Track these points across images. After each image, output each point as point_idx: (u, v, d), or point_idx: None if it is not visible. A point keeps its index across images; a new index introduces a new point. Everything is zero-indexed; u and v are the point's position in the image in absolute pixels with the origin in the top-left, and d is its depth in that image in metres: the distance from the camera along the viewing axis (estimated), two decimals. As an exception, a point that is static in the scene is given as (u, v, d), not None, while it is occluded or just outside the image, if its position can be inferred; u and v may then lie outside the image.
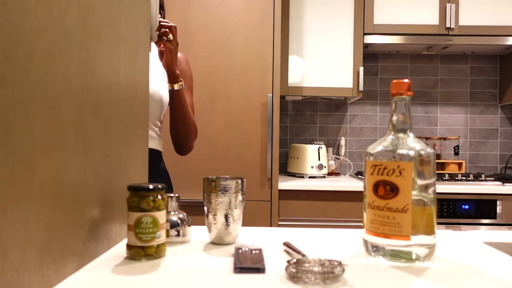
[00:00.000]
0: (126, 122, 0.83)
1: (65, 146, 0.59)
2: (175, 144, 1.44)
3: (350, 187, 2.29)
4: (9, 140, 0.46)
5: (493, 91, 2.91)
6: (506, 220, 2.27)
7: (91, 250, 0.68)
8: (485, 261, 0.72)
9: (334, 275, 0.59)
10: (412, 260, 0.70)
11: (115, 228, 0.78)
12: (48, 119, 0.54)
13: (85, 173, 0.66)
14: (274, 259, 0.71)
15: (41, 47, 0.52)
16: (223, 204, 0.79)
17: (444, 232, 0.94)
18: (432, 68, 2.92)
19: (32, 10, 0.50)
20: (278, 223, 2.28)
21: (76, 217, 0.63)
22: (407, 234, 0.69)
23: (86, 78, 0.65)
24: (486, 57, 2.90)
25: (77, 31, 0.62)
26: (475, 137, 2.91)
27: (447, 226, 2.26)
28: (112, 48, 0.76)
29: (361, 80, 2.54)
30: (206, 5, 2.27)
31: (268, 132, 2.23)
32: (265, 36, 2.26)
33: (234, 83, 2.26)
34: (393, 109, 0.74)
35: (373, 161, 0.72)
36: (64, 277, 0.59)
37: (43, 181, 0.54)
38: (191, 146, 1.46)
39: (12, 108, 0.47)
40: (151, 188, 0.69)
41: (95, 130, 0.69)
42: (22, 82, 0.49)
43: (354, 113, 2.93)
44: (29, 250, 0.51)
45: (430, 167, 0.71)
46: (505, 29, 2.51)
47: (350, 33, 2.56)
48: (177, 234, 0.80)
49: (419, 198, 0.70)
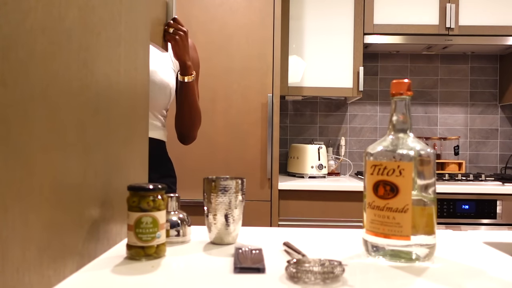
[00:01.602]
0: (126, 122, 0.83)
1: (65, 146, 0.59)
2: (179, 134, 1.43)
3: (350, 187, 2.29)
4: (9, 140, 0.46)
5: (493, 91, 2.91)
6: (506, 220, 2.27)
7: (91, 250, 0.68)
8: (485, 261, 0.72)
9: (334, 275, 0.59)
10: (412, 260, 0.70)
11: (115, 228, 0.78)
12: (48, 119, 0.54)
13: (85, 173, 0.66)
14: (274, 259, 0.71)
15: (41, 47, 0.52)
16: (223, 204, 0.79)
17: (444, 232, 0.94)
18: (432, 68, 2.92)
19: (32, 10, 0.50)
20: (278, 223, 2.28)
21: (76, 217, 0.63)
22: (407, 234, 0.69)
23: (86, 78, 0.65)
24: (486, 57, 2.90)
25: (77, 31, 0.62)
26: (475, 137, 2.91)
27: (447, 226, 2.26)
28: (112, 48, 0.76)
29: (361, 80, 2.54)
30: (206, 5, 2.27)
31: (268, 132, 2.23)
32: (265, 36, 2.25)
33: (234, 83, 2.26)
34: (393, 109, 0.74)
35: (373, 161, 0.72)
36: (64, 277, 0.59)
37: (43, 181, 0.54)
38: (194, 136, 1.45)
39: (12, 108, 0.47)
40: (151, 188, 0.69)
41: (95, 130, 0.69)
42: (22, 82, 0.49)
43: (354, 113, 2.93)
44: (29, 250, 0.51)
45: (430, 167, 0.71)
46: (505, 29, 2.51)
47: (350, 33, 2.56)
48: (177, 234, 0.80)
49: (419, 198, 0.70)
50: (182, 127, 1.40)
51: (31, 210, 0.51)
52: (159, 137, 1.34)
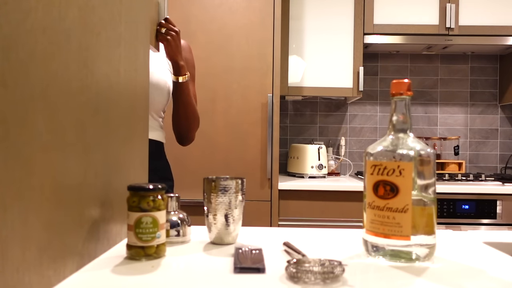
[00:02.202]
0: (126, 122, 0.83)
1: (65, 146, 0.59)
2: (177, 135, 1.43)
3: (350, 187, 2.29)
4: (9, 140, 0.46)
5: (493, 91, 2.91)
6: (506, 220, 2.27)
7: (91, 250, 0.68)
8: (485, 261, 0.72)
9: (334, 275, 0.59)
10: (412, 260, 0.70)
11: (115, 228, 0.78)
12: (48, 119, 0.54)
13: (85, 173, 0.66)
14: (274, 259, 0.71)
15: (41, 47, 0.52)
16: (223, 204, 0.79)
17: (444, 232, 0.94)
18: (432, 68, 2.92)
19: (32, 10, 0.50)
20: (278, 223, 2.28)
21: (76, 217, 0.63)
22: (407, 234, 0.69)
23: (86, 78, 0.65)
24: (486, 57, 2.90)
25: (77, 31, 0.62)
26: (475, 137, 2.91)
27: (447, 226, 2.26)
28: (112, 48, 0.76)
29: (361, 80, 2.54)
30: (206, 5, 2.27)
31: (268, 132, 2.23)
32: (265, 36, 2.25)
33: (234, 83, 2.26)
34: (393, 109, 0.74)
35: (373, 161, 0.72)
36: (64, 277, 0.59)
37: (43, 181, 0.54)
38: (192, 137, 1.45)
39: (12, 108, 0.47)
40: (151, 188, 0.69)
41: (95, 130, 0.69)
42: (22, 82, 0.49)
43: (354, 113, 2.93)
44: (29, 250, 0.51)
45: (430, 167, 0.71)
46: (505, 29, 2.51)
47: (350, 33, 2.56)
48: (177, 234, 0.80)
49: (419, 198, 0.70)
50: (179, 128, 1.40)
51: (31, 210, 0.51)
52: (157, 138, 1.34)
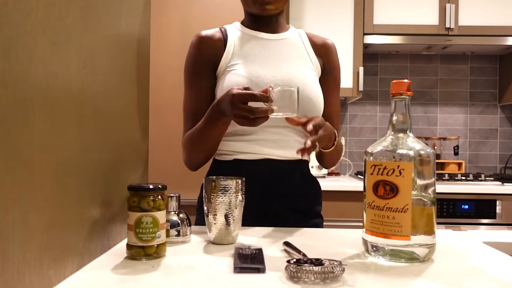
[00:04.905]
0: (126, 122, 0.83)
1: (65, 146, 0.59)
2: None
3: (350, 187, 2.29)
4: (9, 140, 0.46)
5: (493, 91, 2.91)
6: (506, 220, 2.27)
7: (91, 250, 0.68)
8: (485, 261, 0.72)
9: (334, 275, 0.59)
10: (412, 260, 0.70)
11: (115, 228, 0.78)
12: (48, 119, 0.54)
13: (85, 173, 0.66)
14: (274, 259, 0.71)
15: (41, 47, 0.53)
16: (223, 204, 0.79)
17: (444, 232, 0.94)
18: (432, 68, 2.92)
19: (33, 10, 0.50)
20: (278, 223, 2.28)
21: (76, 217, 0.63)
22: (407, 234, 0.69)
23: (86, 78, 0.65)
24: (486, 57, 2.90)
25: (77, 31, 0.62)
26: (475, 137, 2.91)
27: (447, 226, 2.26)
28: (112, 48, 0.76)
29: (361, 80, 2.54)
30: (206, 5, 2.27)
31: (268, 132, 2.23)
32: (265, 36, 2.25)
33: (234, 83, 2.26)
34: (393, 109, 0.74)
35: (373, 161, 0.72)
36: (65, 277, 0.60)
37: (43, 181, 0.54)
38: None
39: (12, 108, 0.47)
40: (151, 188, 0.69)
41: (95, 130, 0.69)
42: (22, 82, 0.49)
43: (354, 113, 2.93)
44: (29, 250, 0.51)
45: (430, 167, 0.71)
46: (505, 29, 2.51)
47: (350, 33, 2.56)
48: (177, 234, 0.81)
49: (419, 198, 0.70)
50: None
51: (31, 210, 0.51)
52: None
